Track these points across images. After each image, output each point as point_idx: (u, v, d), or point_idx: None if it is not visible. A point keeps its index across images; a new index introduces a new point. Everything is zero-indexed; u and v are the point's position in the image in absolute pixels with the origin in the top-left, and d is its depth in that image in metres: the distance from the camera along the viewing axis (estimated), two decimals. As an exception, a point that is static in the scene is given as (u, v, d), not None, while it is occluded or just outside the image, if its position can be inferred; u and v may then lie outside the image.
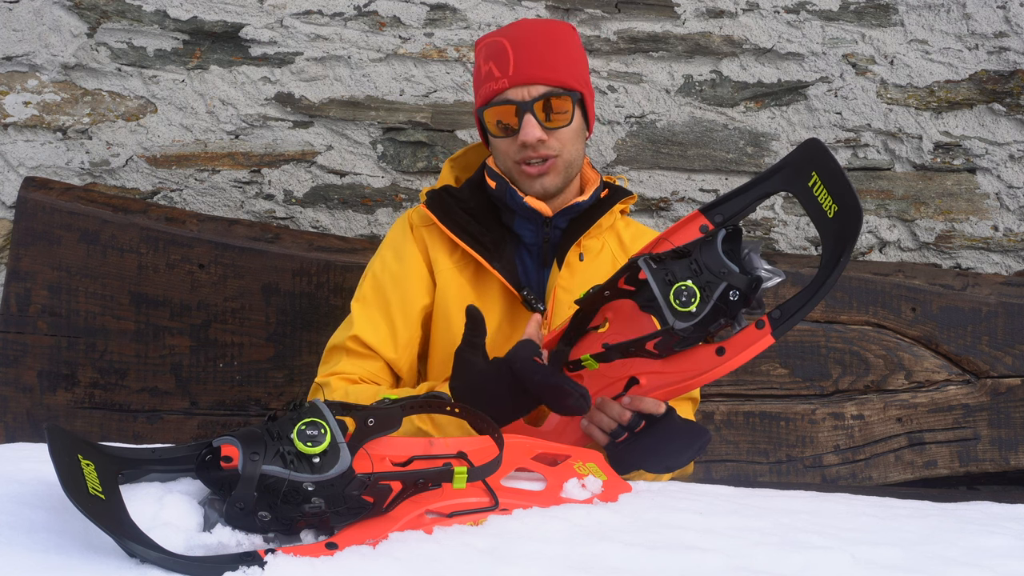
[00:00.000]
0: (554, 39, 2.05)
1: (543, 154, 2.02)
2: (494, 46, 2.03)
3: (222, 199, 2.93)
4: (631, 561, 1.32)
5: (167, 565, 1.21)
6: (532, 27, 2.08)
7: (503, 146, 2.05)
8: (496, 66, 2.02)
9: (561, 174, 2.05)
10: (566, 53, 2.05)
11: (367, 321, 2.06)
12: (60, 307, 2.67)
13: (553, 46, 2.03)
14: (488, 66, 2.03)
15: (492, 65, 2.02)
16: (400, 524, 1.38)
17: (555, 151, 2.02)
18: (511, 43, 2.02)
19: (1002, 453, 2.79)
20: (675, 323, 1.69)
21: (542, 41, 2.03)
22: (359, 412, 1.45)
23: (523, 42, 2.02)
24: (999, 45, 2.90)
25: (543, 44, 2.03)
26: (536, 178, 2.04)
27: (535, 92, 2.00)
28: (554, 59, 2.02)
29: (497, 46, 2.03)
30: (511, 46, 2.01)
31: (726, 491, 1.73)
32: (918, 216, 2.98)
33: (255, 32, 2.84)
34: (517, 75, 2.00)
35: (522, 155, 2.02)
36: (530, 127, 1.99)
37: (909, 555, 1.41)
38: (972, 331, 2.79)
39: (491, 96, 2.02)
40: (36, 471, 1.40)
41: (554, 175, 2.04)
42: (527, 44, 2.02)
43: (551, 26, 2.09)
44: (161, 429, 2.69)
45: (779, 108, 2.94)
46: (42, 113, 2.88)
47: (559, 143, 2.03)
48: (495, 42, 2.04)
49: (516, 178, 2.06)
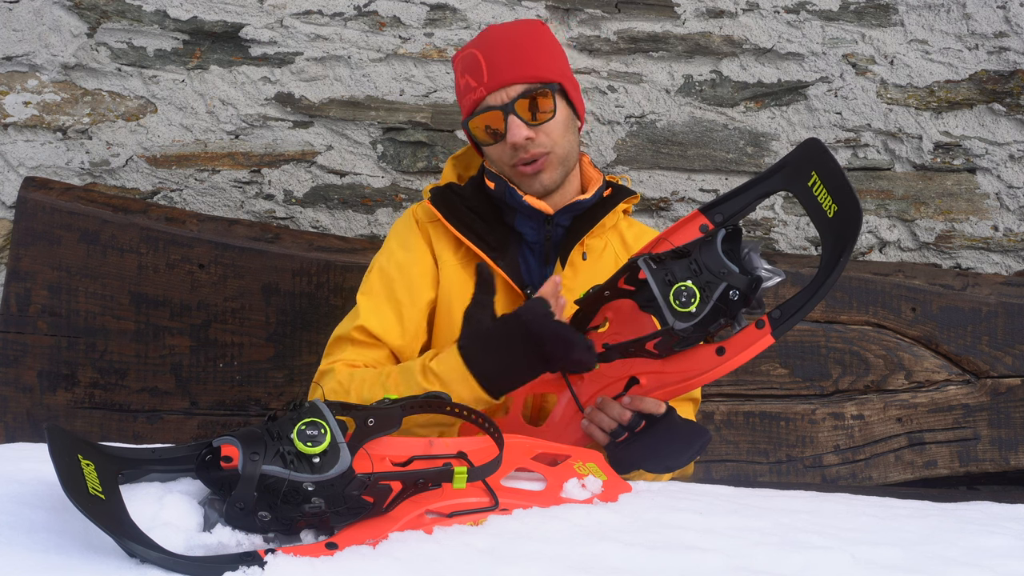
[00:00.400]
0: (522, 38, 2.06)
1: (534, 153, 2.02)
2: (467, 59, 2.06)
3: (222, 199, 2.93)
4: (631, 561, 1.32)
5: (167, 565, 1.21)
6: (500, 32, 2.09)
7: (495, 152, 2.06)
8: (472, 77, 2.04)
9: (557, 168, 2.06)
10: (537, 49, 2.06)
11: (373, 311, 2.05)
12: (60, 307, 2.67)
13: (522, 45, 2.05)
14: (465, 79, 2.05)
15: (468, 77, 2.04)
16: (400, 524, 1.38)
17: (546, 147, 2.03)
18: (481, 52, 2.04)
19: (1002, 453, 2.79)
20: (675, 323, 1.69)
21: (510, 43, 2.05)
22: (359, 412, 1.45)
23: (492, 48, 2.04)
24: (999, 45, 2.90)
25: (512, 45, 2.04)
26: (533, 177, 2.04)
27: (513, 93, 2.01)
28: (525, 57, 2.03)
29: (470, 58, 2.05)
30: (482, 54, 2.03)
31: (726, 491, 1.73)
32: (918, 216, 2.98)
33: (255, 32, 2.84)
34: (492, 80, 2.01)
35: (515, 158, 2.03)
36: (515, 128, 2.00)
37: (909, 555, 1.41)
38: (972, 331, 2.79)
39: (472, 107, 2.04)
40: (36, 471, 1.40)
41: (550, 171, 2.05)
42: (497, 49, 2.03)
43: (518, 26, 2.11)
44: (161, 429, 2.69)
45: (779, 108, 2.94)
46: (42, 113, 2.88)
47: (548, 138, 2.03)
48: (468, 54, 2.06)
49: (515, 180, 2.07)
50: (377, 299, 2.07)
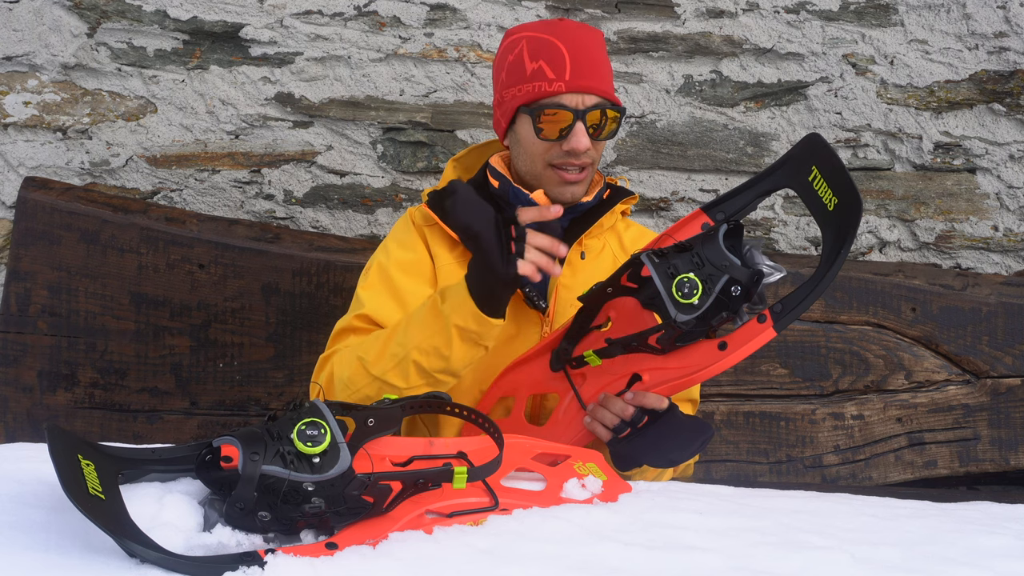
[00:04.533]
0: (600, 48, 2.06)
1: (584, 163, 2.02)
2: (546, 45, 2.01)
3: (222, 199, 2.93)
4: (631, 561, 1.32)
5: (167, 565, 1.21)
6: (586, 34, 2.06)
7: (539, 147, 2.02)
8: (549, 67, 1.99)
9: (587, 183, 2.07)
10: (608, 64, 2.07)
11: (376, 302, 2.04)
12: (60, 307, 2.67)
13: (601, 56, 2.04)
14: (538, 64, 2.00)
15: (544, 64, 2.00)
16: (400, 524, 1.38)
17: (593, 160, 2.04)
18: (567, 47, 2.00)
19: (1002, 453, 2.79)
20: (677, 315, 1.69)
21: (596, 50, 2.03)
22: (359, 412, 1.46)
23: (579, 48, 2.01)
24: (999, 45, 2.90)
25: (597, 53, 2.03)
26: (573, 184, 2.03)
27: (589, 102, 1.99)
28: (606, 71, 2.04)
29: (550, 46, 2.00)
30: (567, 50, 2.00)
31: (726, 491, 1.73)
32: (918, 216, 2.98)
33: (255, 32, 2.84)
34: (574, 81, 1.98)
35: (562, 160, 2.01)
36: (580, 135, 1.98)
37: (909, 555, 1.41)
38: (972, 331, 2.79)
39: (541, 96, 1.99)
40: (36, 471, 1.40)
41: (583, 184, 2.06)
42: (584, 51, 2.01)
43: (595, 33, 2.08)
44: (161, 429, 2.69)
45: (779, 108, 2.94)
46: (42, 113, 2.88)
47: (597, 153, 2.05)
48: (547, 41, 2.01)
49: (544, 181, 2.04)
50: (379, 293, 2.06)
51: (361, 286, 2.09)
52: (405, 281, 2.05)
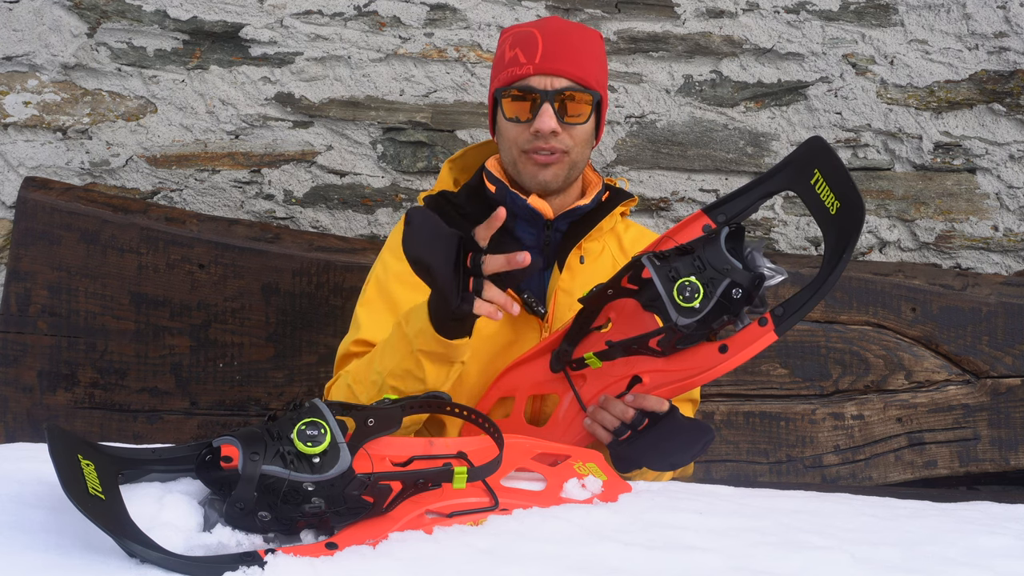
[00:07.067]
0: (583, 41, 2.06)
1: (553, 146, 2.01)
2: (524, 35, 2.04)
3: (222, 199, 2.93)
4: (631, 561, 1.32)
5: (167, 565, 1.21)
6: (564, 25, 2.09)
7: (513, 132, 2.03)
8: (523, 52, 2.02)
9: (565, 171, 2.05)
10: (591, 56, 2.06)
11: (372, 322, 2.04)
12: (60, 307, 2.67)
13: (581, 47, 2.04)
14: (514, 52, 2.03)
15: (519, 51, 2.02)
16: (400, 524, 1.38)
17: (566, 147, 2.02)
18: (542, 34, 2.03)
19: (1002, 453, 2.79)
20: (678, 319, 1.69)
21: (572, 38, 2.04)
22: (359, 412, 1.46)
23: (553, 35, 2.03)
24: (999, 45, 2.90)
25: (572, 40, 2.04)
26: (540, 168, 2.02)
27: (557, 84, 2.00)
28: (580, 57, 2.03)
29: (527, 35, 2.04)
30: (541, 36, 2.02)
31: (726, 491, 1.73)
32: (918, 216, 2.98)
33: (255, 32, 2.84)
34: (543, 64, 2.00)
35: (532, 144, 2.01)
36: (546, 116, 1.98)
37: (909, 555, 1.41)
38: (972, 331, 2.79)
39: (512, 80, 2.02)
40: (36, 471, 1.40)
41: (558, 169, 2.03)
42: (557, 37, 2.03)
43: (582, 28, 2.10)
44: (161, 429, 2.69)
45: (779, 108, 2.94)
46: (42, 113, 2.88)
47: (571, 140, 2.03)
48: (526, 31, 2.05)
49: (519, 168, 2.04)
50: (376, 311, 2.06)
51: (360, 303, 2.10)
52: (403, 292, 2.04)
